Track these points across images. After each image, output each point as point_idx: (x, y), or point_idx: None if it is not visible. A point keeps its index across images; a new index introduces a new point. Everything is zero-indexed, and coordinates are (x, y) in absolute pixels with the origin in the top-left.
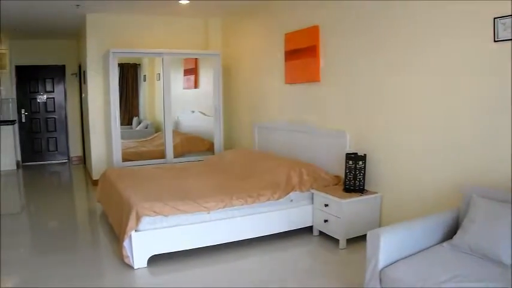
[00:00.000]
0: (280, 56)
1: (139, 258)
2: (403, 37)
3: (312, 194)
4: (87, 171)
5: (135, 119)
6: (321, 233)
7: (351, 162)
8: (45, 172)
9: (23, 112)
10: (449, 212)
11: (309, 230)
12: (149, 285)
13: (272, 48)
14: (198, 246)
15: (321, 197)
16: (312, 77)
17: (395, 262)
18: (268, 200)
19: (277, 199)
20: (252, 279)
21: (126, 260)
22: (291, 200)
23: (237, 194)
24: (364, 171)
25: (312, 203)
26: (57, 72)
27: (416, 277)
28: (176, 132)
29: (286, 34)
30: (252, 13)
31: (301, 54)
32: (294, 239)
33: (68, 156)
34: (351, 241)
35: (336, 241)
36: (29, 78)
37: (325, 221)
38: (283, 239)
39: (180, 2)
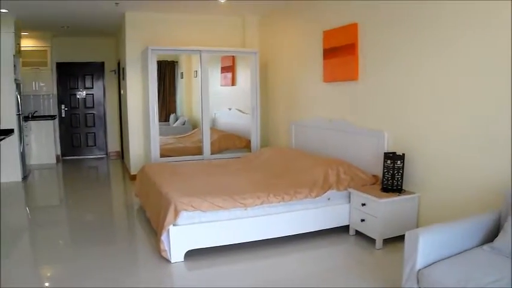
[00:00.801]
0: (318, 54)
1: (176, 253)
2: (442, 36)
3: (349, 192)
4: (124, 166)
5: (172, 116)
6: (357, 233)
7: (389, 161)
8: (84, 166)
9: (63, 107)
10: (490, 214)
11: (345, 229)
12: (185, 279)
13: (310, 46)
14: (234, 243)
15: (358, 196)
16: (350, 75)
17: (433, 263)
18: (306, 197)
19: (315, 197)
20: (286, 277)
21: (163, 254)
22: (328, 199)
23: (274, 191)
24: (403, 170)
25: (349, 202)
26: (96, 69)
27: (455, 279)
28: (213, 129)
29: (324, 32)
30: (289, 11)
31: (340, 52)
32: (329, 238)
33: (106, 151)
34: (388, 241)
35: (372, 241)
36: (69, 74)
37: (362, 220)
38: (319, 238)
39: (219, 0)
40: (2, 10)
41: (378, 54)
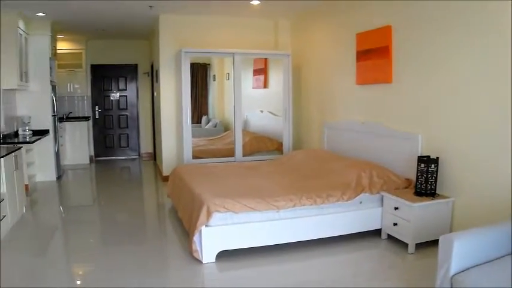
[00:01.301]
0: (351, 56)
1: (208, 253)
2: (478, 38)
3: (382, 196)
4: (157, 167)
5: (204, 118)
6: (390, 237)
7: (422, 165)
8: (116, 167)
9: (96, 109)
10: None
11: (377, 233)
12: (216, 280)
13: (343, 49)
14: (266, 244)
15: (391, 199)
16: (383, 77)
17: (468, 269)
18: (338, 200)
19: (347, 200)
20: (317, 280)
21: (195, 254)
22: (360, 202)
23: (306, 194)
24: (436, 174)
25: (382, 206)
26: (130, 71)
27: (491, 286)
28: (245, 131)
29: (357, 34)
30: (322, 13)
31: (373, 54)
32: (361, 242)
33: (139, 152)
34: (420, 246)
35: (404, 245)
36: (103, 76)
37: (395, 224)
38: (351, 241)
39: (251, 2)
40: (39, 14)
41: (412, 57)
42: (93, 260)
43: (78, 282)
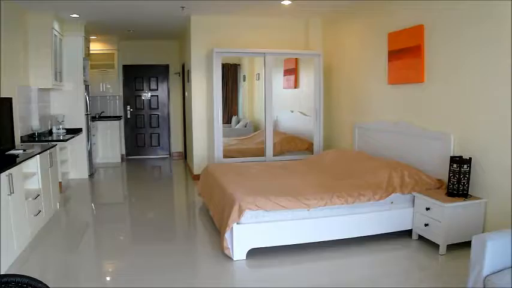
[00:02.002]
0: (383, 56)
1: (239, 251)
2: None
3: (413, 196)
4: (187, 166)
5: (234, 118)
6: (421, 237)
7: (455, 165)
8: (147, 166)
9: (128, 108)
10: None
11: (408, 233)
12: (247, 277)
13: (374, 48)
14: (296, 243)
15: (422, 199)
16: (415, 77)
17: (501, 270)
18: (369, 200)
19: (378, 200)
20: (347, 279)
21: (226, 252)
22: (391, 202)
23: (337, 193)
24: (469, 175)
25: (413, 206)
26: (161, 71)
27: None
28: (275, 131)
29: (389, 34)
30: (353, 12)
31: (405, 54)
32: (392, 242)
33: (169, 152)
34: (452, 247)
35: (435, 246)
36: (135, 76)
37: (426, 225)
38: (381, 241)
39: (282, 2)
40: (73, 15)
41: (444, 56)
42: (123, 257)
43: (108, 278)
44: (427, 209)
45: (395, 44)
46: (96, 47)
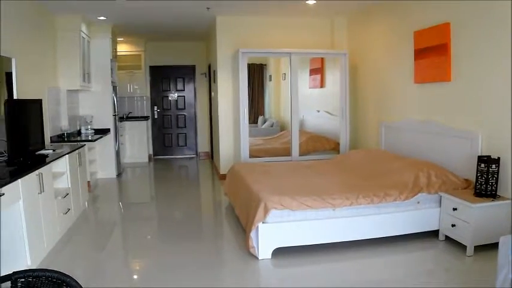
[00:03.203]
0: (409, 54)
1: (264, 250)
2: None
3: (440, 196)
4: (214, 166)
5: (260, 118)
6: (447, 238)
7: (483, 165)
8: (174, 165)
9: (155, 109)
10: None
11: (434, 234)
12: (272, 276)
13: (400, 47)
14: (321, 242)
15: (449, 200)
16: (442, 76)
17: None
18: (395, 200)
19: (404, 200)
20: (372, 280)
21: (251, 250)
22: (418, 202)
23: (363, 193)
24: (498, 175)
25: (440, 206)
26: (187, 72)
27: None
28: (301, 131)
29: (415, 32)
30: (379, 11)
31: (431, 52)
32: (418, 242)
33: (196, 152)
34: (479, 248)
35: (462, 247)
36: (162, 77)
37: (453, 225)
38: (407, 242)
39: (307, 2)
40: (100, 17)
41: (471, 54)
42: (150, 256)
43: (135, 277)
44: (454, 209)
45: (422, 42)
46: (123, 49)
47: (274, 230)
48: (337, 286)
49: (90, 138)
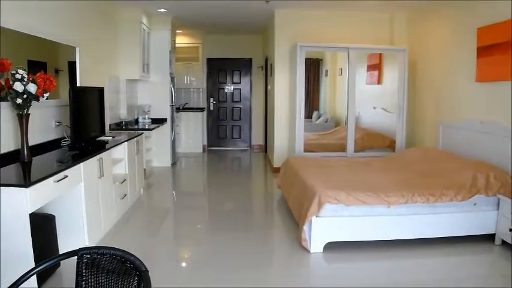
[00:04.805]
0: (471, 52)
1: (316, 243)
2: None
3: (498, 199)
4: (267, 159)
5: (315, 113)
6: (504, 243)
7: None
8: (228, 157)
9: (211, 101)
10: None
11: (490, 237)
12: (323, 270)
13: (462, 44)
14: (374, 239)
15: (508, 203)
16: (506, 74)
17: None
18: (451, 200)
19: (460, 200)
20: (424, 280)
21: (303, 243)
22: (475, 204)
23: (419, 191)
24: None
25: (497, 209)
26: (244, 65)
27: None
28: (357, 127)
29: (478, 29)
30: (441, 7)
31: (496, 50)
32: (472, 246)
33: (250, 144)
34: None
35: None
36: (218, 70)
37: (511, 230)
38: (462, 244)
39: None
40: (160, 10)
41: None
42: (200, 245)
43: (184, 264)
44: None
45: (485, 39)
46: (181, 41)
47: (327, 224)
48: (387, 285)
49: (147, 127)
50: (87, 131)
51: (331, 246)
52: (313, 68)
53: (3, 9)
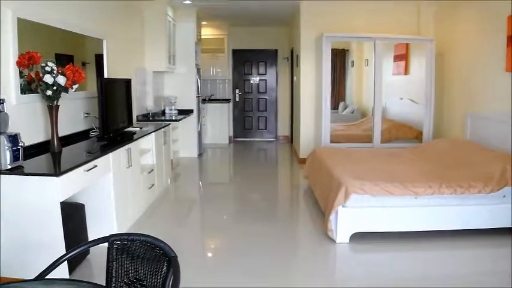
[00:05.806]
0: (501, 41)
1: (342, 233)
2: None
3: None
4: (293, 150)
5: (341, 104)
6: None
7: None
8: (254, 148)
9: (237, 92)
10: None
11: None
12: (349, 260)
13: (491, 33)
14: (401, 230)
15: None
16: None
17: None
18: (479, 192)
19: (489, 192)
20: (451, 273)
21: (329, 233)
22: (504, 196)
23: (446, 183)
24: None
25: None
26: (270, 56)
27: None
28: (384, 118)
29: (509, 17)
30: None
31: None
32: (499, 238)
33: (276, 135)
34: None
35: None
36: (244, 61)
37: None
38: (490, 236)
39: None
40: (185, 2)
41: None
42: (226, 235)
43: (210, 254)
44: None
45: None
46: (207, 32)
47: (354, 215)
48: (414, 276)
49: (174, 118)
50: (115, 121)
51: (357, 237)
52: (339, 58)
53: (32, 4)
